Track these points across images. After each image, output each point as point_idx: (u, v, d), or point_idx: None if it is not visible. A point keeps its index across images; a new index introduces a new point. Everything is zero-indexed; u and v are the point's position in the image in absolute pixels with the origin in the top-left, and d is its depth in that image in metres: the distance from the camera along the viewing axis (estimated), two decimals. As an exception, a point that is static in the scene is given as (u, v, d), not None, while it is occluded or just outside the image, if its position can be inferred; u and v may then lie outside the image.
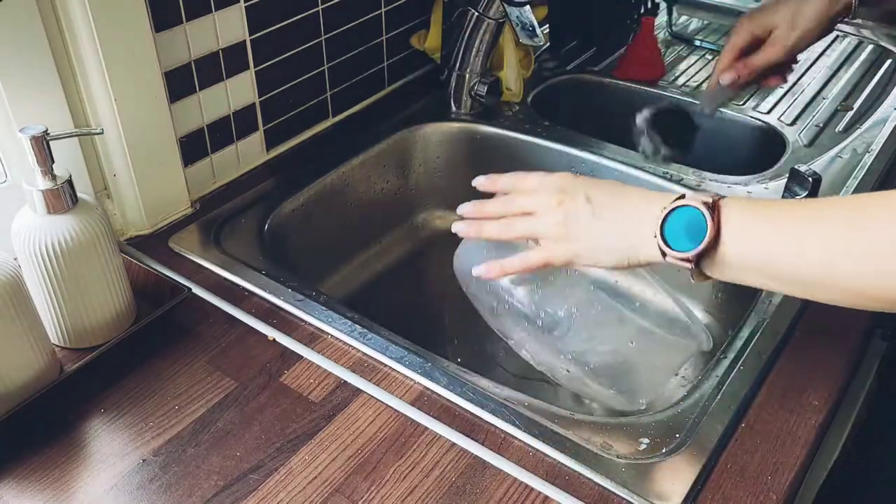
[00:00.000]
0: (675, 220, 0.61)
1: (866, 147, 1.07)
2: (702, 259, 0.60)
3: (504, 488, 0.65)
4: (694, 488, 0.64)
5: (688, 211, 0.60)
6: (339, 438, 0.69)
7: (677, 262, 0.61)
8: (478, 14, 1.08)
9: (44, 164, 0.70)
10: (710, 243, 0.59)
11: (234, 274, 0.86)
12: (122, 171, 0.89)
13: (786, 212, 0.58)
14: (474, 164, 1.15)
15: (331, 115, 1.13)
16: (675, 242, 0.61)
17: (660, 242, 0.61)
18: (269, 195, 0.99)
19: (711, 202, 0.59)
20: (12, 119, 0.78)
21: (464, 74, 1.13)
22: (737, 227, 0.59)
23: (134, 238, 0.92)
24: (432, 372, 0.74)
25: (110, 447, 0.69)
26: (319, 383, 0.74)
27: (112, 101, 0.84)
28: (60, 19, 0.80)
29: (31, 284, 0.72)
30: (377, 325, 0.80)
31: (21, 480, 0.66)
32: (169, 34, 0.88)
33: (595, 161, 1.06)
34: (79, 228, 0.72)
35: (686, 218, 0.60)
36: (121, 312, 0.78)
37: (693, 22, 1.45)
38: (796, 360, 0.76)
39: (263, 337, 0.79)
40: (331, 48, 1.08)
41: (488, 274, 0.71)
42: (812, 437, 0.69)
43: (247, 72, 0.98)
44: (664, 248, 0.61)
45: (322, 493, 0.65)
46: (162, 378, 0.75)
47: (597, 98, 1.28)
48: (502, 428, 0.69)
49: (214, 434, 0.69)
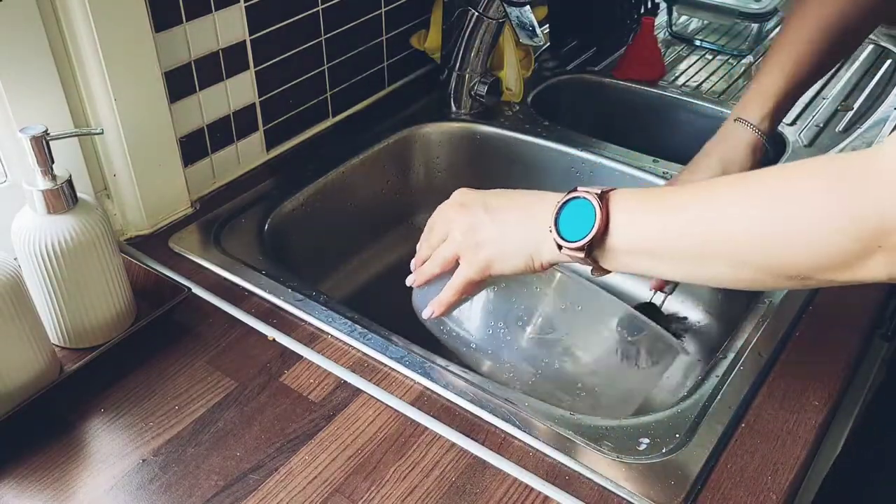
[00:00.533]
0: (567, 211, 0.63)
1: (866, 147, 1.07)
2: (593, 249, 0.62)
3: (504, 488, 0.65)
4: (694, 488, 0.64)
5: (578, 202, 0.62)
6: (339, 438, 0.69)
7: (572, 254, 0.63)
8: (478, 14, 1.08)
9: (44, 164, 0.70)
10: (600, 230, 0.61)
11: (234, 274, 0.86)
12: (122, 171, 0.89)
13: (671, 194, 0.61)
14: (474, 164, 1.15)
15: (331, 115, 1.13)
16: (568, 233, 0.62)
17: (555, 235, 0.63)
18: (269, 195, 0.99)
19: (600, 192, 0.62)
20: (12, 119, 0.78)
21: (464, 74, 1.13)
22: (623, 214, 0.61)
23: (134, 238, 0.92)
24: (432, 372, 0.74)
25: (110, 447, 0.69)
26: (319, 383, 0.74)
27: (112, 101, 0.84)
28: (60, 19, 0.80)
29: (31, 284, 0.73)
30: (377, 325, 0.80)
31: (21, 480, 0.66)
32: (169, 34, 0.88)
33: (595, 161, 1.06)
34: (79, 228, 0.72)
35: (577, 209, 0.62)
36: (121, 312, 0.78)
37: (693, 22, 1.45)
38: (796, 360, 0.76)
39: (263, 337, 0.79)
40: (331, 48, 1.08)
41: (433, 314, 0.74)
42: (812, 437, 0.69)
43: (247, 72, 0.98)
44: (559, 240, 0.63)
45: (322, 493, 0.65)
46: (162, 378, 0.75)
47: (597, 98, 1.28)
48: (502, 428, 0.69)
49: (214, 434, 0.69)
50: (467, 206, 0.69)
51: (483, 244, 0.68)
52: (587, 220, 0.61)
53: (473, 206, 0.69)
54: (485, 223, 0.68)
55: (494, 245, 0.67)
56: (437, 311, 0.73)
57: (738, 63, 1.32)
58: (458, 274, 0.70)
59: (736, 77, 1.28)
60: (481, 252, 0.68)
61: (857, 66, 1.29)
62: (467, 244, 0.69)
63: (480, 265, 0.68)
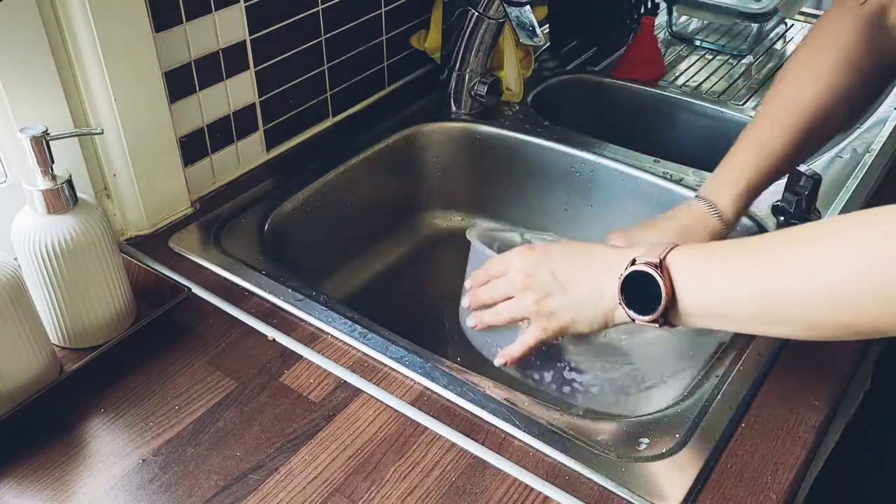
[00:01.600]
0: (631, 287, 0.64)
1: (866, 147, 1.07)
2: (667, 316, 0.63)
3: (504, 488, 0.65)
4: (694, 488, 0.64)
5: (640, 275, 0.63)
6: (339, 438, 0.69)
7: (647, 325, 0.64)
8: (478, 14, 1.08)
9: (44, 164, 0.70)
10: (668, 303, 0.62)
11: (234, 274, 0.86)
12: (122, 171, 0.89)
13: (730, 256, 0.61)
14: (474, 164, 1.15)
15: (331, 115, 1.13)
16: (637, 308, 0.64)
17: (626, 311, 0.65)
18: (269, 195, 0.99)
19: (658, 262, 0.62)
20: (12, 119, 0.78)
21: (464, 74, 1.13)
22: (686, 280, 0.62)
23: (134, 238, 0.92)
24: (432, 372, 0.74)
25: (110, 447, 0.69)
26: (319, 383, 0.74)
27: (112, 101, 0.84)
28: (60, 19, 0.80)
29: (31, 284, 0.73)
30: (377, 325, 0.80)
31: (21, 480, 0.66)
32: (169, 34, 0.88)
33: (595, 161, 1.06)
34: (79, 228, 0.72)
35: (640, 283, 0.63)
36: (121, 312, 0.78)
37: (693, 22, 1.45)
38: (796, 360, 0.76)
39: (263, 337, 0.79)
40: (331, 48, 1.08)
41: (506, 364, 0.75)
42: (812, 437, 0.69)
43: (247, 72, 0.98)
44: (631, 314, 0.64)
45: (322, 493, 0.65)
46: (162, 378, 0.75)
47: (597, 98, 1.28)
48: (502, 428, 0.69)
49: (214, 434, 0.69)
50: (532, 277, 0.69)
51: (555, 313, 0.69)
52: (654, 294, 0.62)
53: (539, 274, 0.69)
54: (555, 294, 0.68)
55: (567, 313, 0.68)
56: (510, 363, 0.74)
57: (738, 63, 1.32)
58: (532, 335, 0.71)
59: (736, 77, 1.28)
60: (555, 320, 0.69)
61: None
62: (540, 313, 0.69)
63: (555, 330, 0.69)
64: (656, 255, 0.62)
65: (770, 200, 0.96)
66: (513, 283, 0.71)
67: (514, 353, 0.73)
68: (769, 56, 1.35)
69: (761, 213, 0.95)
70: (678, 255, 0.62)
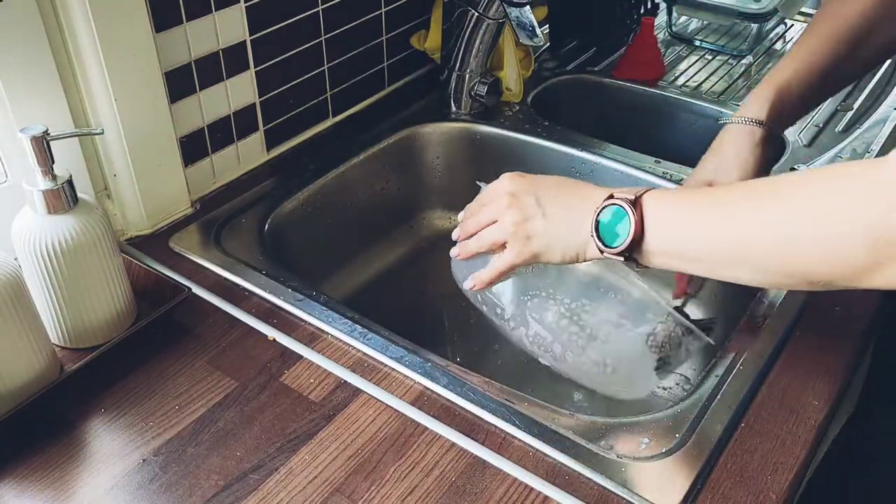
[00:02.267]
0: (605, 218, 0.66)
1: (866, 147, 1.07)
2: (632, 252, 0.65)
3: (504, 488, 0.65)
4: (694, 488, 0.64)
5: (614, 209, 0.65)
6: (339, 438, 0.69)
7: (613, 257, 0.66)
8: (478, 14, 1.08)
9: (44, 164, 0.70)
10: (635, 236, 0.64)
11: (234, 274, 0.86)
12: (122, 171, 0.89)
13: (700, 199, 0.63)
14: (474, 164, 1.15)
15: (331, 115, 1.13)
16: (608, 239, 0.66)
17: (596, 242, 0.67)
18: (269, 195, 0.99)
19: (634, 198, 0.64)
20: (13, 119, 0.78)
21: (464, 74, 1.13)
22: (656, 219, 0.64)
23: (134, 238, 0.92)
24: (432, 372, 0.74)
25: (110, 447, 0.69)
26: (319, 383, 0.74)
27: (112, 101, 0.84)
28: (61, 19, 0.80)
29: (31, 284, 0.73)
30: (377, 325, 0.80)
31: (21, 480, 0.66)
32: (169, 34, 0.88)
33: (595, 161, 1.06)
34: (79, 228, 0.72)
35: (614, 215, 0.65)
36: (121, 312, 0.78)
37: (693, 22, 1.45)
38: (796, 360, 0.76)
39: (263, 337, 0.79)
40: (331, 48, 1.08)
41: (474, 287, 0.76)
42: (812, 437, 0.69)
43: (247, 72, 0.98)
44: (600, 245, 0.66)
45: (322, 493, 0.65)
46: (162, 378, 0.75)
47: (597, 98, 1.28)
48: (502, 428, 0.69)
49: (215, 434, 0.69)
50: (517, 197, 0.71)
51: (533, 237, 0.70)
52: (623, 226, 0.65)
53: (525, 196, 0.71)
54: (536, 217, 0.70)
55: (543, 239, 0.70)
56: (478, 287, 0.76)
57: (738, 63, 1.32)
58: (504, 258, 0.72)
59: (736, 77, 1.28)
60: (531, 244, 0.70)
61: (856, 67, 1.29)
62: (517, 234, 0.71)
63: (528, 255, 0.71)
64: (633, 193, 0.65)
65: (770, 200, 0.96)
66: (498, 205, 0.72)
67: (483, 277, 0.75)
68: (769, 56, 1.35)
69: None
70: (652, 195, 0.65)
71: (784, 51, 1.35)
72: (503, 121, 1.15)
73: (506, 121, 1.15)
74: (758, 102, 0.82)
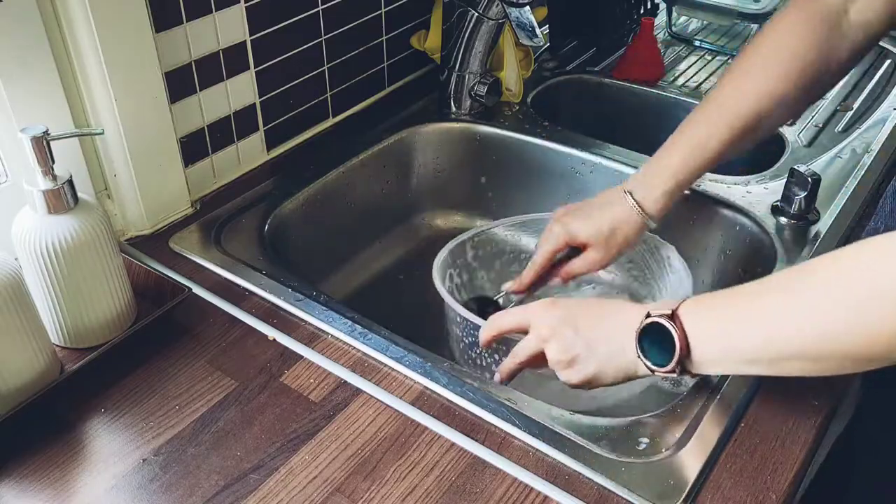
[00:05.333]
0: (648, 339, 0.65)
1: (866, 147, 1.07)
2: (684, 366, 0.64)
3: (504, 488, 0.65)
4: (694, 488, 0.64)
5: (655, 327, 0.64)
6: (339, 438, 0.69)
7: (665, 376, 0.65)
8: (477, 14, 1.08)
9: (44, 164, 0.70)
10: (683, 353, 0.63)
11: (235, 274, 0.86)
12: (122, 171, 0.89)
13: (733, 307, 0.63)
14: (474, 165, 1.15)
15: (331, 115, 1.13)
16: (655, 359, 0.65)
17: (646, 363, 0.66)
18: (270, 195, 0.99)
19: (671, 313, 0.64)
20: (13, 119, 0.78)
21: (463, 75, 1.13)
22: (698, 331, 0.63)
23: (134, 238, 0.92)
24: (432, 372, 0.74)
25: (110, 447, 0.69)
26: (319, 383, 0.74)
27: (112, 102, 0.84)
28: (61, 19, 0.80)
29: (31, 284, 0.73)
30: (377, 325, 0.80)
31: (21, 480, 0.66)
32: (169, 34, 0.88)
33: (595, 161, 1.06)
34: (79, 228, 0.72)
35: (656, 334, 0.65)
36: (121, 312, 0.78)
37: (693, 22, 1.45)
38: (796, 360, 0.76)
39: (263, 337, 0.79)
40: (331, 48, 1.08)
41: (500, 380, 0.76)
42: (812, 437, 0.69)
43: (247, 72, 0.98)
44: (650, 366, 0.66)
45: (322, 493, 0.65)
46: (162, 378, 0.75)
47: (596, 98, 1.28)
48: (502, 428, 0.69)
49: (215, 434, 0.69)
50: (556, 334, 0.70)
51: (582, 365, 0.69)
52: (669, 346, 0.64)
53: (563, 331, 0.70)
54: (580, 351, 0.69)
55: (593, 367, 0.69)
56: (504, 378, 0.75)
57: (738, 63, 1.32)
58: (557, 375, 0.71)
59: (736, 77, 1.28)
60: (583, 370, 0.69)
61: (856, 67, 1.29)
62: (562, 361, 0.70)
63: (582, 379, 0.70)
64: (668, 307, 0.64)
65: (770, 200, 0.97)
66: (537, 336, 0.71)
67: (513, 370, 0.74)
68: (769, 56, 1.35)
69: (761, 213, 0.95)
70: (689, 306, 0.64)
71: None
72: (503, 121, 1.15)
73: (506, 121, 1.15)
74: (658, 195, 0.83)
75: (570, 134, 1.11)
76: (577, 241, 0.85)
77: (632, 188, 0.84)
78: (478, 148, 1.15)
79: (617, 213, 0.84)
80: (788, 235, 0.92)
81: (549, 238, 0.86)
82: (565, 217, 0.86)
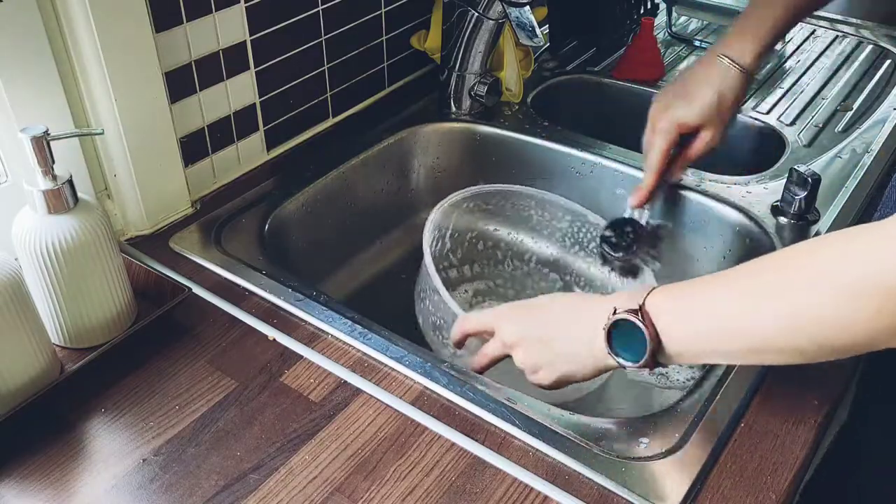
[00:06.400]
0: (617, 335, 0.64)
1: (865, 147, 1.07)
2: (656, 360, 0.63)
3: (504, 488, 0.65)
4: (693, 488, 0.64)
5: (623, 323, 0.63)
6: (339, 438, 0.69)
7: (638, 370, 0.64)
8: (477, 14, 1.08)
9: (44, 164, 0.70)
10: (654, 347, 0.62)
11: (235, 274, 0.86)
12: (122, 171, 0.89)
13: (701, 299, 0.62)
14: (474, 165, 1.15)
15: (331, 115, 1.13)
16: (626, 356, 0.64)
17: (616, 359, 0.65)
18: (270, 195, 0.99)
19: (638, 308, 0.62)
20: (13, 119, 0.78)
21: (463, 75, 1.13)
22: (668, 324, 0.62)
23: (134, 238, 0.92)
24: (432, 372, 0.74)
25: (110, 447, 0.69)
26: (319, 383, 0.74)
27: (112, 102, 0.84)
28: (61, 19, 0.80)
29: (31, 284, 0.73)
30: (377, 325, 0.80)
31: (21, 480, 0.66)
32: (169, 34, 0.88)
33: (595, 161, 1.06)
34: (79, 228, 0.72)
35: (625, 331, 0.63)
36: (121, 312, 0.78)
37: (693, 22, 1.45)
38: (796, 359, 0.76)
39: (263, 337, 0.79)
40: (331, 48, 1.08)
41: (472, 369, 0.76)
42: (812, 437, 0.69)
43: (247, 72, 0.98)
44: (621, 362, 0.65)
45: (322, 493, 0.65)
46: (162, 378, 0.75)
47: (597, 98, 1.28)
48: (502, 428, 0.69)
49: (215, 434, 0.69)
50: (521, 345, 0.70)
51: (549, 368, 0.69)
52: (638, 340, 0.62)
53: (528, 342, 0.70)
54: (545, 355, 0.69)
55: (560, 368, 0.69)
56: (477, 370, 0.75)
57: (738, 63, 1.32)
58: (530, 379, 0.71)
59: (736, 77, 1.28)
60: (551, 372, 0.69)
61: (856, 67, 1.29)
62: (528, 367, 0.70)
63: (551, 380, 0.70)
64: (635, 301, 0.63)
65: (770, 200, 0.97)
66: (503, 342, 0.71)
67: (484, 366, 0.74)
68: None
69: (761, 213, 0.95)
70: (656, 297, 0.63)
71: (783, 51, 1.35)
72: (503, 121, 1.15)
73: (506, 121, 1.15)
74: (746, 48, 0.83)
75: (570, 134, 1.11)
76: (690, 127, 0.83)
77: (724, 50, 0.83)
78: (478, 148, 1.15)
79: (716, 81, 0.83)
80: (788, 235, 0.92)
81: (660, 135, 0.84)
82: (667, 110, 0.84)
